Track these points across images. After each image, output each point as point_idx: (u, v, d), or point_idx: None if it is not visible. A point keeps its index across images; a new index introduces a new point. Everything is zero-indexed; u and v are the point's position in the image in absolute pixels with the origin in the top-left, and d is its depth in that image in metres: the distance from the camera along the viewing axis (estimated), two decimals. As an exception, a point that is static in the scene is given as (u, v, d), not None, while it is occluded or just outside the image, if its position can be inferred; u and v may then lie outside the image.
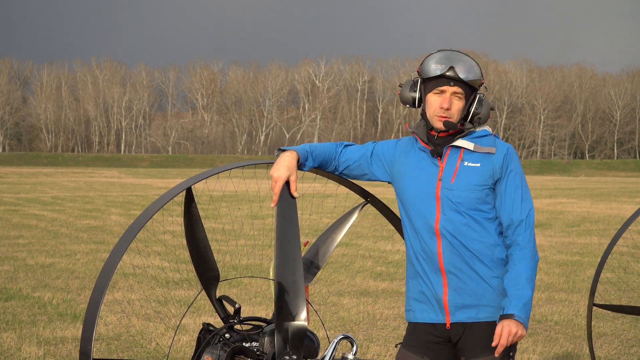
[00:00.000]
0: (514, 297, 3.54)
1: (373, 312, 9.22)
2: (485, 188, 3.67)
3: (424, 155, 3.75)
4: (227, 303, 3.66)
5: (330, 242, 4.01)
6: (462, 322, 3.67)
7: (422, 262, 3.71)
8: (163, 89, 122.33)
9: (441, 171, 3.69)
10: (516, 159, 3.75)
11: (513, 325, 3.51)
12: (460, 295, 3.65)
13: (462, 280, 3.65)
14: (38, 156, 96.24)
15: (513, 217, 3.66)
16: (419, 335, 3.75)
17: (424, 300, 3.72)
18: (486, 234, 3.66)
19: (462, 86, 3.68)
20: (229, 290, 10.32)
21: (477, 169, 3.68)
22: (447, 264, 3.65)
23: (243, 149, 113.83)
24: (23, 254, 13.82)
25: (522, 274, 3.58)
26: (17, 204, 26.66)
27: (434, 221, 3.66)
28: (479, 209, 3.66)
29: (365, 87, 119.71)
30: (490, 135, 3.77)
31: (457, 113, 3.70)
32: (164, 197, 3.42)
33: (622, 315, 8.96)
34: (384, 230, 16.84)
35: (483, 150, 3.70)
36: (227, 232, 16.52)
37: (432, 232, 3.67)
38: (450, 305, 3.66)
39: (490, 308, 3.65)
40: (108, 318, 8.54)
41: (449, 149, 3.71)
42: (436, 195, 3.68)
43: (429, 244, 3.68)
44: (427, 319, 3.72)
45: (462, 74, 3.66)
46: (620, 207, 28.36)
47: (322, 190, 4.88)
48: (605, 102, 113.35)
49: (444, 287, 3.67)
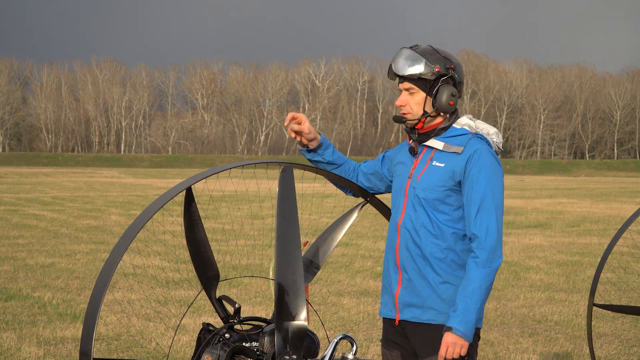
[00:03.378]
0: (457, 309, 3.52)
1: (373, 312, 9.22)
2: (446, 189, 3.63)
3: (407, 152, 3.82)
4: (227, 303, 3.66)
5: (330, 241, 4.01)
6: (408, 321, 3.70)
7: (388, 257, 3.77)
8: (163, 89, 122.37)
9: (413, 169, 3.74)
10: (485, 161, 3.62)
11: (451, 338, 3.50)
12: (409, 293, 3.68)
13: (412, 280, 3.67)
14: (38, 156, 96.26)
15: (470, 228, 3.59)
16: (386, 330, 3.86)
17: (385, 295, 3.81)
18: (441, 236, 3.63)
19: (412, 81, 3.68)
20: (229, 290, 10.32)
21: (440, 169, 3.66)
22: (402, 260, 3.69)
23: (243, 149, 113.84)
24: (23, 254, 13.82)
25: (471, 282, 3.52)
26: (17, 204, 26.66)
27: (399, 217, 3.72)
28: (440, 210, 3.64)
29: (365, 87, 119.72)
30: (468, 134, 3.70)
31: (414, 107, 3.70)
32: (164, 197, 3.41)
33: (622, 315, 8.96)
34: (383, 230, 16.84)
35: (451, 150, 3.66)
36: (227, 232, 16.53)
37: (395, 228, 3.73)
38: (400, 302, 3.71)
39: (433, 311, 3.64)
40: (108, 318, 8.54)
41: (425, 148, 3.74)
42: (405, 193, 3.73)
43: (392, 239, 3.74)
44: (384, 314, 3.81)
45: (398, 70, 3.68)
46: (620, 207, 28.36)
47: (321, 190, 4.88)
48: (605, 102, 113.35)
49: (398, 284, 3.71)
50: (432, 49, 3.71)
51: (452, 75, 3.69)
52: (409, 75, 3.67)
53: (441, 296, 3.63)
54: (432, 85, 3.68)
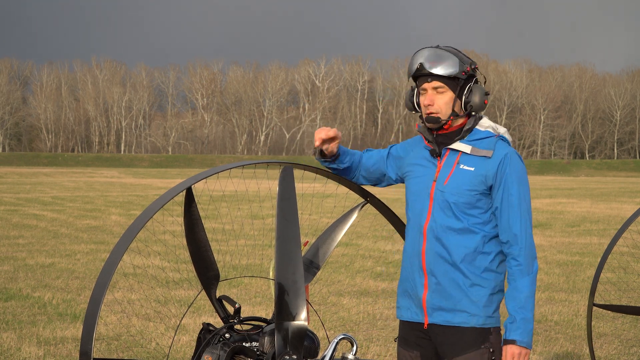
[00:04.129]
0: (516, 320, 3.53)
1: (373, 312, 9.22)
2: (477, 193, 3.62)
3: (426, 154, 3.75)
4: (227, 303, 3.66)
5: (330, 241, 4.01)
6: (438, 324, 3.67)
7: (410, 261, 3.72)
8: (163, 89, 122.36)
9: (437, 172, 3.68)
10: (515, 165, 3.62)
11: (516, 349, 3.54)
12: (438, 297, 3.64)
13: (441, 283, 3.63)
14: (38, 156, 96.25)
15: (509, 232, 3.58)
16: (406, 332, 3.79)
17: (407, 299, 3.75)
18: (471, 240, 3.61)
19: (442, 79, 3.62)
20: (229, 290, 10.32)
21: (470, 172, 3.63)
22: (429, 264, 3.65)
23: (243, 149, 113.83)
24: (23, 254, 13.82)
25: (521, 290, 3.53)
26: (17, 204, 26.66)
27: (424, 221, 3.67)
28: (469, 213, 3.62)
29: (365, 87, 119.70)
30: (493, 137, 3.68)
31: (444, 107, 3.65)
32: (164, 197, 3.41)
33: (622, 315, 8.96)
34: (383, 230, 16.84)
35: (480, 154, 3.63)
36: (227, 232, 16.52)
37: (420, 232, 3.68)
38: (428, 306, 3.67)
39: (464, 314, 3.63)
40: (108, 318, 8.54)
41: (448, 151, 3.69)
42: (430, 196, 3.67)
43: (416, 243, 3.69)
44: (408, 317, 3.75)
45: (432, 68, 3.62)
46: (620, 207, 28.36)
47: (321, 190, 4.88)
48: (605, 102, 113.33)
49: (424, 288, 3.67)
50: (456, 50, 3.68)
51: (477, 76, 3.69)
52: (443, 73, 3.61)
53: (472, 298, 3.61)
54: (462, 85, 3.65)
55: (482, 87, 3.66)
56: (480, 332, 3.63)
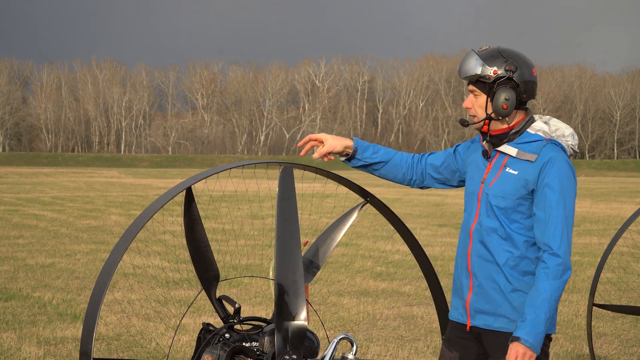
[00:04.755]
0: (526, 320, 3.51)
1: (373, 312, 9.22)
2: (518, 198, 3.60)
3: (480, 154, 3.78)
4: (227, 303, 3.66)
5: (330, 241, 4.01)
6: (479, 327, 3.68)
7: (460, 262, 3.76)
8: (163, 89, 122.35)
9: (486, 174, 3.70)
10: (558, 170, 3.55)
11: (520, 348, 3.49)
12: (480, 300, 3.66)
13: (483, 286, 3.64)
14: (38, 156, 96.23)
15: (542, 239, 3.55)
16: (451, 331, 3.83)
17: (456, 299, 3.80)
18: (514, 245, 3.60)
19: (474, 83, 3.66)
20: (229, 290, 10.32)
21: (513, 176, 3.62)
22: (474, 267, 3.67)
23: (243, 149, 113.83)
24: (23, 254, 13.82)
25: (541, 293, 3.50)
26: (17, 204, 26.66)
27: (472, 222, 3.69)
28: (512, 218, 3.61)
29: (365, 87, 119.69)
30: (542, 140, 3.64)
31: (478, 110, 3.69)
32: (164, 197, 3.41)
33: (622, 315, 8.96)
34: (383, 230, 16.84)
35: (524, 157, 3.61)
36: (227, 232, 16.52)
37: (468, 233, 3.70)
38: (471, 308, 3.68)
39: (505, 319, 3.63)
40: (108, 318, 8.54)
41: (498, 153, 3.70)
42: (478, 197, 3.69)
43: (464, 244, 3.72)
44: (455, 318, 3.79)
45: (459, 72, 3.70)
46: (620, 207, 28.36)
47: (321, 190, 4.88)
48: (605, 102, 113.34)
49: (469, 289, 3.69)
50: (497, 51, 3.66)
51: (511, 77, 3.63)
52: (470, 77, 3.65)
53: (512, 304, 3.61)
54: (491, 87, 3.66)
55: (507, 90, 3.62)
56: None
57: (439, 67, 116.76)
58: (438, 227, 19.83)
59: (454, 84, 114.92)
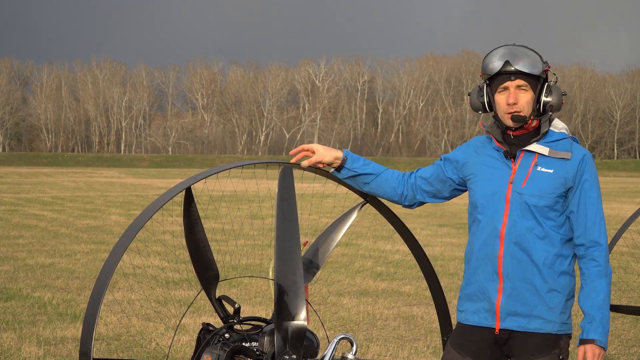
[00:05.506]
0: (595, 320, 3.50)
1: (373, 312, 9.22)
2: (556, 196, 3.57)
3: (497, 155, 3.69)
4: (227, 303, 3.66)
5: (329, 241, 4.01)
6: (511, 329, 3.62)
7: (480, 264, 3.65)
8: (163, 89, 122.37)
9: (513, 174, 3.62)
10: (592, 166, 3.60)
11: (597, 349, 3.51)
12: (514, 302, 3.59)
13: (517, 288, 3.58)
14: (38, 156, 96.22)
15: (588, 236, 3.55)
16: (465, 336, 3.71)
17: (476, 303, 3.68)
18: (551, 243, 3.58)
19: (524, 78, 3.58)
20: (229, 290, 10.32)
21: (549, 175, 3.58)
22: (506, 269, 3.58)
23: (243, 149, 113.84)
24: (23, 254, 13.82)
25: (600, 292, 3.51)
26: (17, 204, 26.66)
27: (501, 224, 3.59)
28: (548, 216, 3.58)
29: (365, 87, 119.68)
30: (568, 138, 3.64)
31: (526, 106, 3.59)
32: (164, 197, 3.42)
33: (622, 315, 8.96)
34: (383, 230, 16.83)
35: (558, 156, 3.59)
36: (227, 232, 16.52)
37: (496, 235, 3.60)
38: (502, 310, 3.61)
39: (540, 320, 3.59)
40: (108, 318, 8.54)
41: (523, 152, 3.63)
42: (506, 198, 3.60)
43: (491, 246, 3.61)
44: (476, 322, 3.68)
45: (519, 65, 3.57)
46: (620, 207, 28.36)
47: (321, 190, 4.88)
48: (605, 102, 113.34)
49: (498, 292, 3.61)
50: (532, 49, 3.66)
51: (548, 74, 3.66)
52: (528, 71, 3.57)
53: (549, 304, 3.58)
54: (542, 83, 3.62)
55: (559, 87, 3.63)
56: (553, 338, 3.61)
57: (439, 67, 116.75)
58: (438, 227, 19.83)
59: (454, 84, 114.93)
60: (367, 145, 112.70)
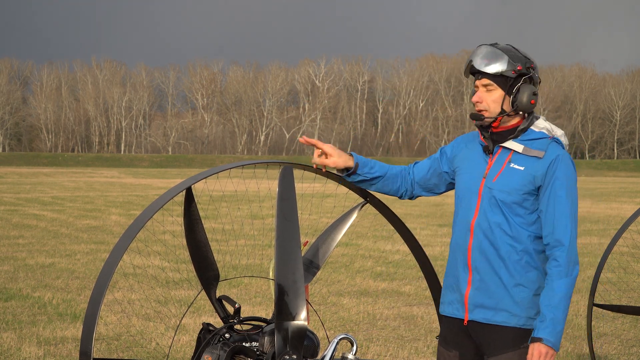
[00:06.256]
0: (545, 320, 3.52)
1: (373, 312, 9.23)
2: (524, 193, 3.62)
3: (480, 149, 3.77)
4: (227, 303, 3.66)
5: (330, 241, 4.01)
6: (478, 321, 3.68)
7: (456, 257, 3.74)
8: (163, 89, 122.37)
9: (488, 169, 3.70)
10: (566, 167, 3.61)
11: (543, 348, 3.52)
12: (481, 294, 3.66)
13: (485, 281, 3.65)
14: (38, 156, 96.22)
15: (554, 235, 3.58)
16: (447, 328, 3.81)
17: (451, 294, 3.77)
18: (518, 239, 3.62)
19: (490, 77, 3.64)
20: (229, 290, 10.32)
21: (520, 172, 3.63)
22: (475, 261, 3.66)
23: (243, 149, 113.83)
24: (23, 254, 13.82)
25: (557, 292, 3.53)
26: (17, 204, 26.66)
27: (472, 217, 3.68)
28: (517, 212, 3.62)
29: (365, 87, 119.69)
30: (546, 138, 3.67)
31: (491, 105, 3.66)
32: (164, 197, 3.42)
33: (622, 315, 8.96)
34: (383, 230, 16.84)
35: (531, 154, 3.63)
36: (227, 232, 16.52)
37: (467, 228, 3.69)
38: (470, 302, 3.68)
39: (506, 313, 3.64)
40: (108, 318, 8.54)
41: (501, 149, 3.70)
42: (479, 192, 3.69)
43: (463, 239, 3.71)
44: (450, 313, 3.77)
45: (481, 66, 3.64)
46: (620, 207, 28.37)
47: (321, 190, 4.88)
48: (605, 102, 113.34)
49: (468, 284, 3.69)
50: (514, 48, 3.69)
51: (532, 75, 3.67)
52: (490, 71, 3.63)
53: (514, 298, 3.62)
54: (512, 83, 3.65)
55: (532, 87, 3.65)
56: (521, 333, 3.64)
57: (439, 67, 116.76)
58: (438, 227, 19.83)
59: (454, 84, 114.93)
60: (367, 145, 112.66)
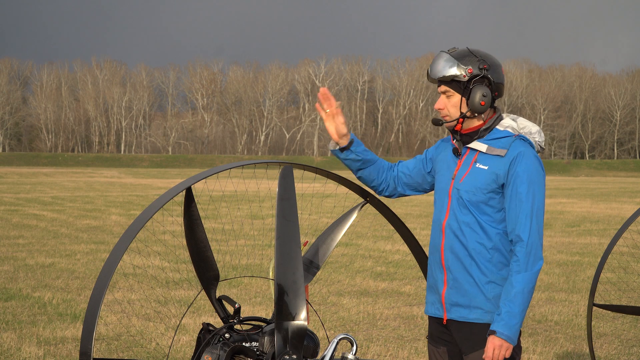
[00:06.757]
0: (501, 313, 3.58)
1: (373, 312, 9.23)
2: (489, 192, 3.69)
3: (451, 152, 3.86)
4: (227, 303, 3.66)
5: (330, 241, 4.01)
6: (455, 320, 3.75)
7: (433, 257, 3.82)
8: (163, 89, 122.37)
9: (456, 170, 3.78)
10: (527, 164, 3.65)
11: (497, 341, 3.57)
12: (455, 293, 3.74)
13: (458, 280, 3.72)
14: (38, 156, 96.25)
15: (515, 231, 3.64)
16: (431, 328, 3.90)
17: (431, 294, 3.85)
18: (486, 237, 3.69)
19: (446, 84, 3.73)
20: (229, 290, 10.32)
21: (483, 171, 3.71)
22: (447, 261, 3.74)
23: (243, 149, 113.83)
24: (23, 254, 13.82)
25: (514, 286, 3.58)
26: (17, 204, 26.66)
27: (443, 218, 3.76)
28: (484, 211, 3.69)
29: (365, 87, 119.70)
30: (511, 136, 3.73)
31: (452, 110, 3.76)
32: (164, 197, 3.41)
33: (622, 315, 8.96)
34: (383, 230, 16.84)
35: (494, 153, 3.71)
36: (227, 232, 16.52)
37: (440, 229, 3.78)
38: (447, 301, 3.76)
39: (479, 310, 3.70)
40: (108, 318, 8.54)
41: (469, 150, 3.78)
42: (448, 193, 3.77)
43: (437, 239, 3.79)
44: (432, 312, 3.85)
45: (433, 74, 3.74)
46: (620, 207, 28.36)
47: (321, 190, 4.89)
48: (605, 102, 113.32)
49: (444, 284, 3.76)
50: (468, 51, 3.75)
51: (486, 75, 3.72)
52: (443, 78, 3.71)
53: (487, 296, 3.69)
54: (466, 86, 3.72)
55: (483, 88, 3.71)
56: None
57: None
58: (438, 227, 19.81)
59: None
60: (367, 145, 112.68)
